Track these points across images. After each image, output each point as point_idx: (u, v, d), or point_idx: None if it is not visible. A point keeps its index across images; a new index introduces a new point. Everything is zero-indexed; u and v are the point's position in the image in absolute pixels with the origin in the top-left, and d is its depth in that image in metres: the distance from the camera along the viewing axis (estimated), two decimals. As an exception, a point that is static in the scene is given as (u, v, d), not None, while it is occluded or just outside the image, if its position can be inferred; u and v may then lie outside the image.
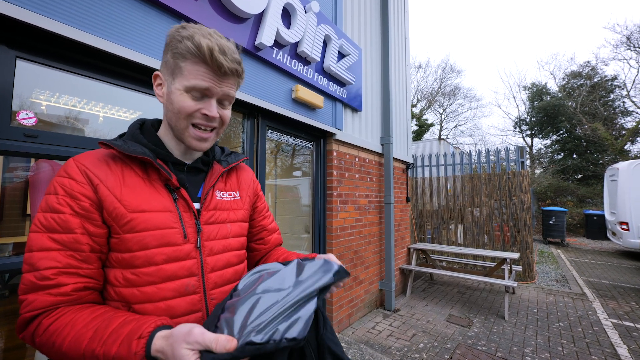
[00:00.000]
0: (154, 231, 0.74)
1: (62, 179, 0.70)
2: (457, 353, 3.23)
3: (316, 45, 3.18)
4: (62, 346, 0.60)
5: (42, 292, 0.63)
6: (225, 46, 0.74)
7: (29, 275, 0.64)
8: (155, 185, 0.79)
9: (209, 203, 0.86)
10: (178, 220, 0.78)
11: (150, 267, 0.73)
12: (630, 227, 8.26)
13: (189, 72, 0.73)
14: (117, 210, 0.72)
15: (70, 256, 0.67)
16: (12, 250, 2.34)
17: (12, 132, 1.45)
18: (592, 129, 18.87)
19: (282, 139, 3.34)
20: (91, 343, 0.59)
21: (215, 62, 0.72)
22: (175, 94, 0.76)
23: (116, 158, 0.78)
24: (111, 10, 1.73)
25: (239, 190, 0.99)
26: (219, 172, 0.91)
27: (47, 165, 1.96)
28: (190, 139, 0.80)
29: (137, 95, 2.05)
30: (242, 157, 1.02)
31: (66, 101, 1.82)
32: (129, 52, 1.78)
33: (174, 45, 0.74)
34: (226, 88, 0.78)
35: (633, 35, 19.01)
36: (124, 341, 0.58)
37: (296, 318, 0.60)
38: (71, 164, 0.73)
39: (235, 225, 0.92)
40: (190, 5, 2.10)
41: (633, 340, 3.58)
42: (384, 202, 4.73)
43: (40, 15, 1.45)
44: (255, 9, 2.44)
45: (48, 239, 0.66)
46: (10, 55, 1.47)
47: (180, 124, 0.78)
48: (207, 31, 0.74)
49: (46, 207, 0.68)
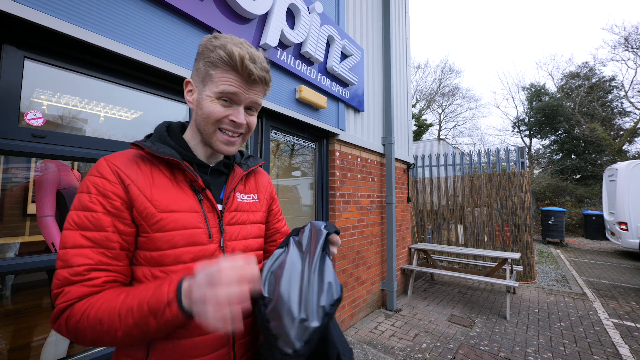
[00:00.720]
0: (182, 231, 0.76)
1: (94, 178, 0.71)
2: (460, 353, 3.24)
3: (320, 46, 3.18)
4: (97, 314, 0.62)
5: (75, 285, 0.65)
6: (255, 55, 0.77)
7: (62, 272, 0.65)
8: (182, 186, 0.81)
9: (230, 204, 0.88)
10: (203, 221, 0.80)
11: (178, 265, 0.75)
12: (629, 227, 8.30)
13: (219, 79, 0.76)
14: (148, 209, 0.73)
15: (101, 253, 0.68)
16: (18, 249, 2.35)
17: (20, 133, 1.45)
18: (591, 129, 18.95)
19: (285, 139, 3.34)
20: (125, 300, 0.63)
21: (246, 69, 0.75)
22: (205, 101, 0.78)
23: (145, 159, 0.79)
24: (115, 9, 1.73)
25: (257, 193, 1.00)
26: (240, 175, 0.93)
27: (54, 165, 1.97)
28: (218, 142, 0.82)
29: (139, 94, 2.03)
30: (260, 161, 1.04)
31: (67, 101, 1.81)
32: (134, 51, 1.78)
33: (206, 54, 0.77)
34: (254, 96, 0.80)
35: (631, 36, 19.13)
36: (156, 288, 0.63)
37: (328, 283, 0.66)
38: (103, 163, 0.74)
39: (254, 227, 0.94)
40: (196, 5, 2.10)
41: (634, 340, 3.60)
42: (386, 202, 4.74)
43: (49, 15, 1.44)
44: (260, 9, 2.45)
45: (81, 236, 0.67)
46: (19, 55, 1.46)
47: (209, 129, 0.80)
48: (238, 40, 0.77)
49: (79, 206, 0.70)
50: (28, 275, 2.60)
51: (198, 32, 2.18)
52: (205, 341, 0.75)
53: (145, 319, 0.60)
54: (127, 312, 0.61)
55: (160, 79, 2.04)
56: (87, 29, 1.59)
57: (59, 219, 1.94)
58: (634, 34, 18.97)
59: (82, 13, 1.58)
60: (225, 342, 0.79)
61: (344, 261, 3.80)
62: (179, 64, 2.03)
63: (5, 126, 1.41)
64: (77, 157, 1.65)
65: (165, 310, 0.60)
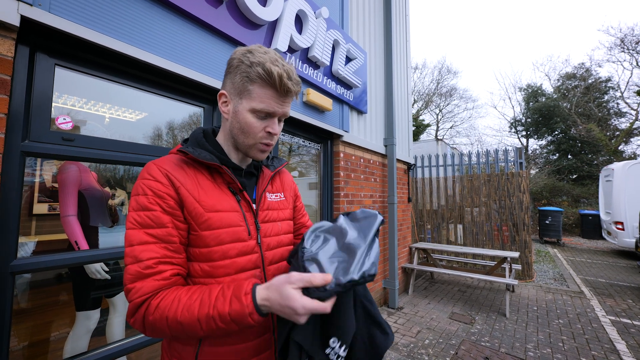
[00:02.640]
0: (227, 229, 0.84)
1: (149, 181, 0.79)
2: (462, 349, 3.33)
3: (326, 50, 3.27)
4: (176, 317, 0.69)
5: (147, 279, 0.72)
6: (290, 71, 0.82)
7: (134, 267, 0.72)
8: (222, 187, 0.88)
9: (263, 203, 0.96)
10: (243, 219, 0.88)
11: (225, 260, 0.83)
12: (625, 227, 8.43)
13: (258, 95, 0.82)
14: (197, 210, 0.81)
15: (164, 248, 0.76)
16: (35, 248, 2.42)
17: (51, 136, 1.52)
18: (587, 129, 19.15)
19: (292, 140, 3.43)
20: (202, 309, 0.69)
21: (284, 87, 0.81)
22: (242, 114, 0.84)
23: (189, 163, 0.86)
24: (128, 13, 1.80)
25: (283, 192, 1.08)
26: (268, 176, 1.01)
27: (74, 166, 2.04)
28: (255, 152, 0.90)
29: (144, 95, 2.07)
30: (284, 162, 1.11)
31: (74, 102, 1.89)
32: (149, 55, 1.85)
33: (243, 69, 0.82)
34: (286, 108, 0.87)
35: (627, 37, 19.36)
36: (233, 300, 0.69)
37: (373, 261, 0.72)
38: (154, 168, 0.81)
39: (284, 224, 1.01)
40: (210, 12, 2.18)
41: (631, 337, 3.71)
42: (388, 202, 4.83)
43: (77, 24, 1.52)
44: (271, 16, 2.53)
45: (145, 234, 0.75)
46: (50, 63, 1.54)
47: (248, 141, 0.87)
48: (273, 57, 0.82)
49: (138, 207, 0.77)
50: (39, 274, 2.68)
51: (210, 37, 2.26)
52: (256, 328, 0.85)
53: (229, 326, 0.69)
54: (207, 320, 0.69)
55: (169, 80, 2.09)
56: (108, 35, 1.67)
57: (80, 219, 2.01)
58: (630, 36, 19.21)
59: (103, 19, 1.66)
60: (268, 328, 0.87)
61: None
62: (192, 68, 2.11)
63: (39, 130, 1.48)
64: (102, 160, 1.73)
65: (248, 319, 0.68)
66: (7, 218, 1.37)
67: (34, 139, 1.47)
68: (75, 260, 1.70)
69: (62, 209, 1.94)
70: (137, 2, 1.80)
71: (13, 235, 1.39)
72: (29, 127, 1.46)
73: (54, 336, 2.52)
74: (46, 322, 2.58)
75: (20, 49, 1.43)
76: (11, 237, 1.39)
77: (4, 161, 1.35)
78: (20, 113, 1.42)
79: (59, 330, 2.56)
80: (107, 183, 2.83)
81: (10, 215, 1.38)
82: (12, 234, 1.39)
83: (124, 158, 1.81)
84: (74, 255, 1.70)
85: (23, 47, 1.45)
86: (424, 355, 3.20)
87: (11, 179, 1.39)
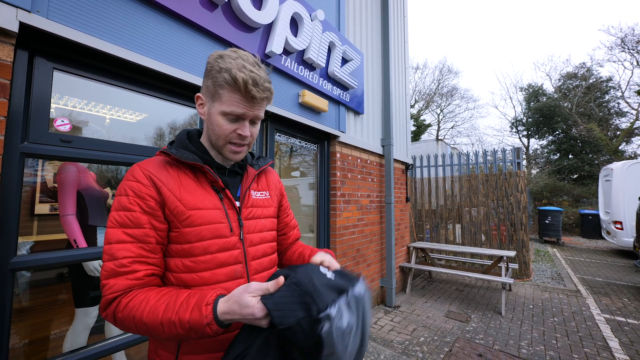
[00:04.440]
0: (208, 225, 0.88)
1: (130, 182, 0.84)
2: (456, 346, 3.37)
3: (322, 52, 3.31)
4: (142, 317, 0.73)
5: (120, 277, 0.77)
6: (257, 77, 0.84)
7: (109, 264, 0.77)
8: (205, 186, 0.93)
9: (247, 201, 1.00)
10: (225, 216, 0.92)
11: (206, 255, 0.87)
12: (624, 226, 8.44)
13: (227, 99, 0.86)
14: (178, 208, 0.86)
15: (141, 247, 0.80)
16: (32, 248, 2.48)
17: (50, 138, 1.58)
18: (588, 129, 19.12)
19: (289, 141, 3.48)
20: (166, 313, 0.73)
21: (249, 93, 0.84)
22: (214, 116, 0.89)
23: (172, 164, 0.92)
24: (126, 18, 1.85)
25: (269, 190, 1.13)
26: (253, 175, 1.05)
27: (73, 166, 2.10)
28: (227, 152, 0.94)
29: (144, 98, 2.12)
30: (269, 161, 1.16)
31: (74, 104, 1.94)
32: (147, 60, 1.91)
33: (213, 75, 0.86)
34: (257, 111, 0.90)
35: (627, 37, 19.31)
36: (194, 308, 0.72)
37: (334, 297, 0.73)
38: (137, 169, 0.86)
39: (268, 221, 1.06)
40: (205, 15, 2.23)
41: (624, 334, 3.74)
42: (385, 201, 4.88)
43: (72, 28, 1.58)
44: (266, 19, 2.58)
45: (123, 233, 0.79)
46: (49, 67, 1.59)
47: (220, 142, 0.92)
48: (241, 63, 0.84)
49: (119, 207, 0.82)
50: (40, 273, 2.74)
51: (206, 40, 2.31)
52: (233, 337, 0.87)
53: (188, 333, 0.72)
54: (169, 324, 0.72)
55: (166, 83, 2.14)
56: (106, 40, 1.72)
57: (79, 218, 2.06)
58: (630, 35, 19.16)
59: (100, 24, 1.71)
60: None
61: (344, 259, 3.93)
62: (188, 71, 2.16)
63: (38, 132, 1.54)
64: (100, 160, 1.78)
65: (206, 329, 0.71)
66: (6, 217, 1.42)
67: (33, 140, 1.52)
68: (73, 258, 1.75)
69: (61, 208, 1.99)
70: (133, 7, 1.86)
71: (13, 233, 1.45)
72: (27, 129, 1.52)
73: (54, 334, 2.58)
74: (46, 320, 2.64)
75: (19, 54, 1.49)
76: (11, 235, 1.44)
77: (4, 162, 1.41)
78: (19, 115, 1.47)
79: (59, 329, 2.62)
80: (107, 184, 2.88)
81: (10, 214, 1.43)
82: (11, 232, 1.44)
83: (120, 159, 1.86)
84: (72, 253, 1.76)
85: (22, 52, 1.50)
86: (418, 352, 3.25)
87: (11, 179, 1.44)
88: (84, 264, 2.03)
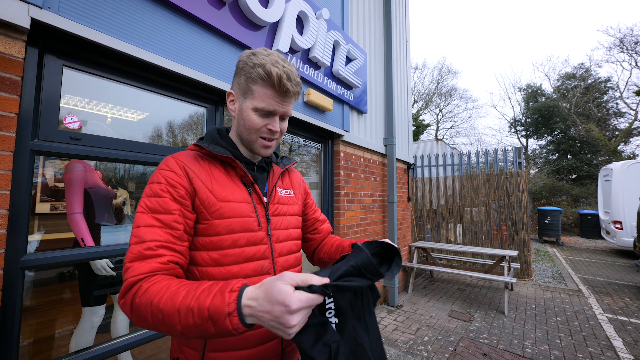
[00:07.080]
0: (238, 218, 0.88)
1: (164, 171, 0.85)
2: (461, 345, 3.37)
3: (326, 51, 3.31)
4: (159, 304, 0.65)
5: (145, 260, 0.74)
6: (290, 72, 0.87)
7: (136, 247, 0.75)
8: (234, 180, 0.94)
9: (273, 197, 1.01)
10: (253, 211, 0.93)
11: (235, 248, 0.87)
12: (624, 226, 8.47)
13: (259, 95, 0.87)
14: (209, 199, 0.86)
15: (169, 233, 0.79)
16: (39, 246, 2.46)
17: (60, 135, 1.57)
18: (586, 129, 19.19)
19: (293, 140, 3.47)
20: (185, 299, 0.64)
21: (283, 87, 0.86)
22: (245, 112, 0.90)
23: (204, 157, 0.93)
24: (135, 15, 1.84)
25: (293, 189, 1.13)
26: (278, 173, 1.07)
27: (80, 165, 2.08)
28: (258, 147, 0.95)
29: (146, 95, 2.10)
30: (293, 161, 1.17)
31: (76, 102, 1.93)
32: (156, 57, 1.90)
33: (247, 70, 0.88)
34: (287, 107, 0.92)
35: (626, 38, 19.41)
36: (217, 295, 0.64)
37: None
38: (171, 160, 0.88)
39: (293, 218, 1.06)
40: (213, 13, 2.22)
41: (627, 334, 3.75)
42: (387, 201, 4.88)
43: (82, 25, 1.57)
44: (272, 17, 2.57)
45: (152, 218, 0.79)
46: (59, 64, 1.58)
47: (251, 137, 0.93)
48: (274, 59, 0.87)
49: (150, 193, 0.82)
50: (43, 272, 2.73)
51: (213, 38, 2.30)
52: (260, 334, 0.87)
53: (205, 324, 0.62)
54: (186, 311, 0.63)
55: (174, 81, 2.13)
56: (116, 37, 1.71)
57: (85, 216, 2.05)
58: (629, 36, 19.26)
59: (110, 21, 1.70)
60: (274, 335, 0.89)
61: (348, 258, 3.91)
62: (196, 69, 2.15)
63: (48, 130, 1.52)
64: (109, 158, 1.77)
65: (226, 320, 0.61)
66: (18, 215, 1.40)
67: (43, 138, 1.51)
68: (83, 257, 1.73)
69: (69, 207, 1.97)
70: (142, 5, 1.85)
71: (23, 231, 1.43)
72: (38, 126, 1.50)
73: (58, 333, 2.56)
74: (51, 319, 2.63)
75: (29, 51, 1.47)
76: (21, 234, 1.43)
77: (15, 159, 1.39)
78: (29, 113, 1.46)
79: (64, 328, 2.60)
80: (109, 182, 2.87)
81: (21, 212, 1.42)
82: (22, 231, 1.43)
83: (130, 157, 1.85)
84: (81, 251, 1.74)
85: (32, 49, 1.49)
86: (423, 351, 3.25)
87: (22, 177, 1.42)
88: (91, 263, 2.02)
